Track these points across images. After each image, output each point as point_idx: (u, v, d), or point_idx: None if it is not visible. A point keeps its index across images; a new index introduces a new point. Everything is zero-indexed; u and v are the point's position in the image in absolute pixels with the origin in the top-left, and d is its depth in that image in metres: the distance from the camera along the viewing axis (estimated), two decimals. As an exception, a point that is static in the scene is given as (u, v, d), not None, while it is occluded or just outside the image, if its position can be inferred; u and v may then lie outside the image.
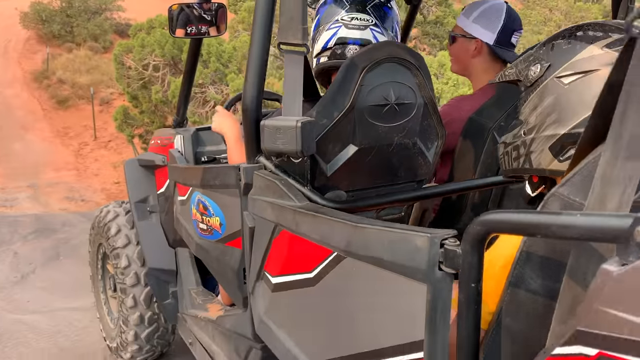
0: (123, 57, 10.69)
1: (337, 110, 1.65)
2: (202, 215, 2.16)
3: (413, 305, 1.06)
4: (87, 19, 22.60)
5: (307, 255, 1.44)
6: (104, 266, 3.30)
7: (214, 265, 2.18)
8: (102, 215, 3.06)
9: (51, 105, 17.42)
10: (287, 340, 1.57)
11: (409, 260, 1.07)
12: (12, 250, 6.47)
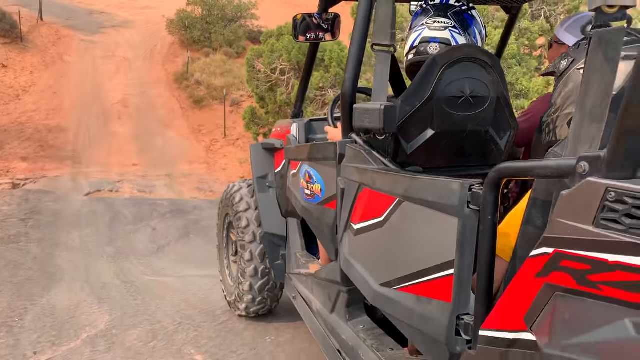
0: (254, 61, 11.67)
1: (419, 99, 2.00)
2: (307, 183, 2.66)
3: (448, 234, 1.46)
4: (224, 26, 24.41)
5: (379, 204, 1.87)
6: (228, 235, 3.89)
7: (314, 223, 2.65)
8: (229, 190, 3.67)
9: (188, 105, 19.07)
10: (360, 269, 2.02)
11: (446, 200, 1.48)
12: (151, 227, 7.47)
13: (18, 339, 3.64)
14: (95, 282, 5.04)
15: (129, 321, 3.83)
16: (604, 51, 1.13)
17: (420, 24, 2.18)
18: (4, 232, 6.77)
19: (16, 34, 20.65)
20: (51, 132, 15.55)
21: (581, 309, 1.04)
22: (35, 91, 18.06)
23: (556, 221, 1.11)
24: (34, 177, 12.45)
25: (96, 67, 20.74)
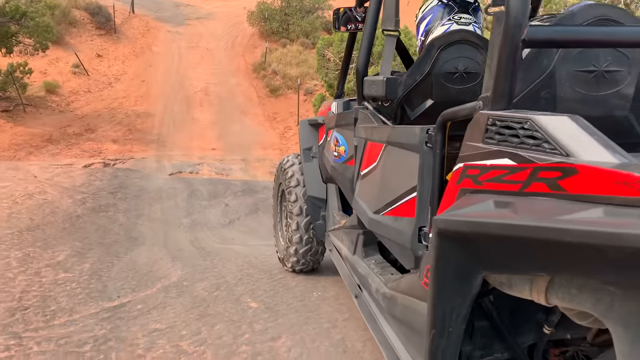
0: (324, 50, 12.08)
1: (420, 74, 2.41)
2: (335, 146, 3.23)
3: (413, 166, 1.94)
4: (301, 17, 25.04)
5: (375, 153, 2.42)
6: (281, 202, 4.40)
7: (339, 179, 3.17)
8: (284, 162, 4.20)
9: (265, 94, 19.84)
10: (362, 204, 2.57)
11: (412, 141, 1.98)
12: (224, 203, 8.08)
13: (105, 285, 4.26)
14: (172, 246, 5.65)
15: (197, 276, 4.37)
16: (498, 26, 1.51)
17: (446, 18, 2.53)
18: (95, 202, 7.60)
19: (110, 26, 22.26)
20: (139, 117, 16.77)
21: (471, 198, 1.50)
22: (126, 79, 19.45)
23: (465, 144, 1.58)
24: (122, 157, 13.56)
25: (181, 57, 21.96)
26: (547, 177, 1.25)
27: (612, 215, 1.05)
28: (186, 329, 3.32)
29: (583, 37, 1.63)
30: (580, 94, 1.73)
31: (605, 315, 1.22)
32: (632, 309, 1.15)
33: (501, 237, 1.30)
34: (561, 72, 1.72)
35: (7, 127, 14.42)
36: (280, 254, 4.32)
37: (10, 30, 14.70)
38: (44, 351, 3.14)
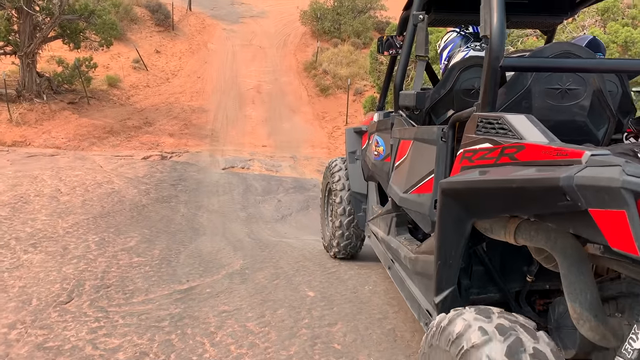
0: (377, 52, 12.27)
1: (444, 90, 3.02)
2: (375, 147, 3.92)
3: (431, 155, 2.59)
4: (353, 17, 25.30)
5: (405, 148, 3.09)
6: (328, 198, 5.13)
7: (378, 172, 3.86)
8: (332, 165, 4.98)
9: (315, 93, 20.21)
10: (395, 188, 3.23)
11: (431, 137, 2.62)
12: (277, 199, 8.48)
13: (175, 270, 4.70)
14: (231, 237, 6.08)
15: (258, 265, 4.76)
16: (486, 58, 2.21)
17: (465, 47, 3.29)
18: (159, 194, 8.14)
19: (169, 23, 23.13)
20: (194, 112, 17.44)
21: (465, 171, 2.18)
22: (182, 75, 20.21)
23: (464, 136, 2.26)
24: (178, 151, 14.19)
25: (235, 54, 22.60)
26: (509, 152, 1.90)
27: (541, 170, 1.66)
28: (251, 312, 3.70)
29: (545, 65, 2.39)
30: (550, 104, 2.46)
31: (553, 249, 1.84)
32: (566, 241, 1.81)
33: (480, 190, 1.99)
34: (535, 88, 2.44)
35: (73, 118, 15.29)
36: (325, 243, 5.13)
37: (79, 26, 15.57)
38: (128, 324, 3.57)
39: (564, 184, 1.50)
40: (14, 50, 15.00)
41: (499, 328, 1.72)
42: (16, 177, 8.29)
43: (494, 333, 1.71)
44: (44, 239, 5.45)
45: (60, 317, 3.67)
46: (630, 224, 1.34)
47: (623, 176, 1.35)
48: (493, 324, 1.75)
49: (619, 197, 1.36)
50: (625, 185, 1.33)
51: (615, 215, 1.40)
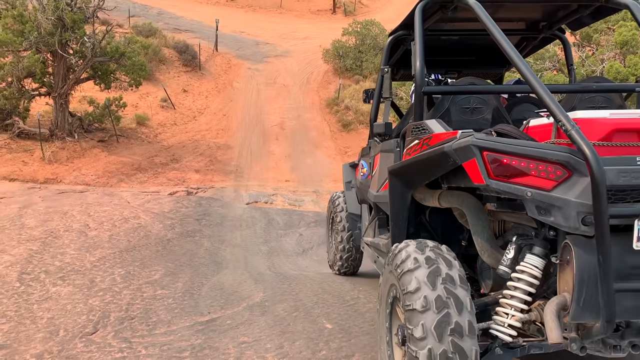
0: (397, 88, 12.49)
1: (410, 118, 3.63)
2: (361, 169, 4.82)
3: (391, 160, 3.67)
4: (375, 55, 25.72)
5: (377, 161, 4.15)
6: (331, 225, 6.00)
7: (364, 188, 4.63)
8: (334, 197, 6.02)
9: (337, 128, 20.45)
10: (372, 191, 4.16)
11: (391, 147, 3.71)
12: (298, 232, 8.58)
13: (197, 302, 4.81)
14: (253, 270, 6.17)
15: (277, 298, 4.83)
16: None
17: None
18: (183, 228, 8.32)
19: (196, 63, 23.83)
20: (220, 149, 17.80)
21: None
22: (209, 113, 20.70)
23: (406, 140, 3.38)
24: (204, 187, 14.46)
25: (259, 92, 23.11)
26: (426, 142, 2.88)
27: (440, 147, 2.62)
28: (270, 343, 3.76)
29: (450, 90, 3.57)
30: (463, 118, 3.43)
31: (462, 206, 2.91)
32: (470, 200, 2.88)
33: (408, 166, 3.11)
34: (452, 108, 3.45)
35: (102, 156, 15.75)
36: (330, 262, 6.05)
37: (110, 68, 16.19)
38: (150, 354, 3.67)
39: (447, 150, 2.56)
40: (48, 91, 15.63)
41: (427, 258, 2.55)
42: (47, 212, 8.58)
43: (423, 262, 2.53)
44: (72, 272, 5.63)
45: (86, 348, 3.79)
46: (478, 166, 2.40)
47: (472, 140, 2.42)
48: (424, 255, 2.57)
49: (471, 151, 2.42)
50: (473, 143, 2.41)
51: (472, 163, 2.43)
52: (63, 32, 14.78)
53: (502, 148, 2.37)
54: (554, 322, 2.34)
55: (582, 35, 11.42)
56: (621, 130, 2.48)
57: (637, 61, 9.02)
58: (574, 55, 11.02)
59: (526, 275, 2.55)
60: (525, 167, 2.34)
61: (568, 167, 2.29)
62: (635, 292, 2.28)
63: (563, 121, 2.30)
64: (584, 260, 2.26)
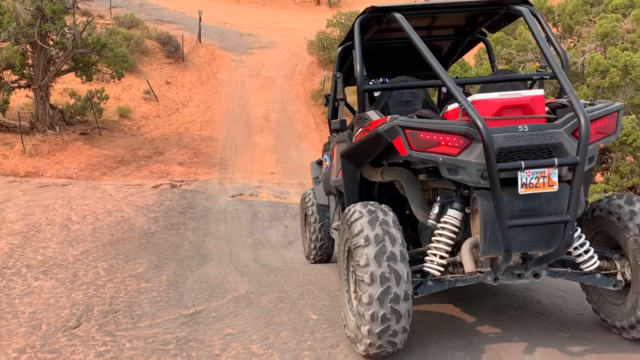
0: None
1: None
2: (324, 163, 5.39)
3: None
4: (359, 46, 25.69)
5: (335, 152, 4.63)
6: (305, 220, 6.57)
7: (327, 179, 5.15)
8: (306, 194, 6.51)
9: (322, 120, 20.41)
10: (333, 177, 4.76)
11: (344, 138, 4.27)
12: (284, 225, 8.58)
13: (182, 295, 4.79)
14: (238, 262, 6.16)
15: (263, 289, 4.83)
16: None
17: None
18: (167, 221, 8.26)
19: (179, 54, 23.62)
20: (204, 141, 17.69)
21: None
22: (192, 105, 20.56)
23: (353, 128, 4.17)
24: (188, 179, 14.37)
25: (244, 84, 22.98)
26: (367, 128, 3.59)
27: (375, 130, 3.30)
28: (255, 335, 3.77)
29: (382, 87, 4.55)
30: (399, 110, 4.22)
31: (399, 178, 3.71)
32: (405, 173, 3.70)
33: (354, 149, 3.84)
34: (390, 102, 4.32)
35: (85, 149, 15.58)
36: (306, 253, 6.53)
37: (91, 59, 15.98)
38: (135, 347, 3.65)
39: (380, 131, 3.24)
40: (28, 83, 15.40)
41: (368, 211, 3.29)
42: (28, 206, 8.47)
43: (365, 213, 3.27)
44: (54, 266, 5.57)
45: (69, 342, 3.77)
46: (402, 141, 3.07)
47: (397, 122, 3.09)
48: (366, 209, 3.31)
49: (396, 130, 3.09)
50: (397, 124, 3.09)
51: (398, 139, 3.10)
52: (43, 23, 14.55)
53: (419, 126, 3.09)
54: (468, 257, 3.20)
55: (563, 27, 11.51)
56: (508, 106, 3.18)
57: (617, 52, 9.12)
58: (556, 47, 11.11)
59: (448, 225, 3.33)
60: (437, 139, 3.07)
61: (467, 136, 3.03)
62: (525, 227, 3.03)
63: (462, 103, 3.06)
64: (486, 207, 3.05)
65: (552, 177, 3.00)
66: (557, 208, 3.07)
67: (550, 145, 3.06)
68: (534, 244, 3.12)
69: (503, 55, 10.92)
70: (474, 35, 5.03)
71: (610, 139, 3.39)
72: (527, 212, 3.06)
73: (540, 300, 4.27)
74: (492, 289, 4.46)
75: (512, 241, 2.98)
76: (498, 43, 10.93)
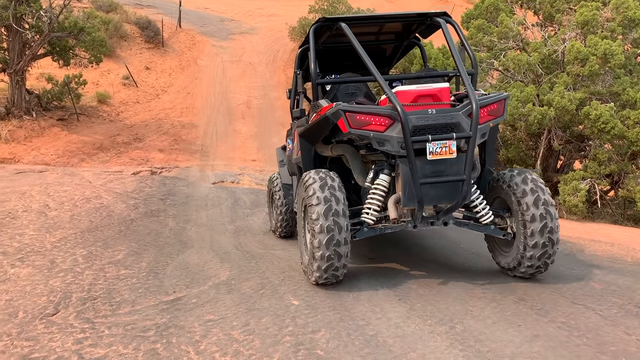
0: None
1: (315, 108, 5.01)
2: (287, 146, 6.38)
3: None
4: (341, 33, 25.60)
5: (295, 137, 5.61)
6: (271, 199, 7.19)
7: (289, 160, 6.05)
8: (273, 178, 7.13)
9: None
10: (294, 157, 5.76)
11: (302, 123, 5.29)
12: (265, 211, 8.52)
13: (162, 281, 4.74)
14: (219, 249, 6.11)
15: (244, 276, 4.81)
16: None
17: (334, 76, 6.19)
18: (147, 208, 8.17)
19: (158, 39, 23.27)
20: (184, 127, 17.51)
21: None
22: (172, 91, 20.30)
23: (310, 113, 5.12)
24: (168, 166, 14.23)
25: (225, 70, 22.75)
26: (318, 113, 4.64)
27: (325, 114, 4.37)
28: (236, 321, 3.75)
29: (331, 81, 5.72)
30: (345, 99, 5.43)
31: (345, 153, 4.95)
32: (349, 149, 4.94)
33: (308, 129, 4.96)
34: (338, 94, 5.63)
35: (62, 135, 15.32)
36: (272, 228, 7.14)
37: (68, 44, 15.66)
38: (114, 334, 3.61)
39: (328, 114, 4.27)
40: (3, 67, 15.05)
41: (320, 177, 4.31)
42: (4, 193, 8.30)
43: (317, 179, 4.29)
44: (31, 253, 5.48)
45: (46, 329, 3.70)
46: (344, 122, 4.12)
47: (340, 107, 4.14)
48: (318, 175, 4.32)
49: (339, 113, 4.14)
50: (340, 108, 4.14)
51: (341, 121, 4.14)
52: (17, 5, 14.18)
53: (356, 110, 4.17)
54: (392, 208, 4.37)
55: (544, 15, 11.56)
56: (422, 95, 4.32)
57: (597, 41, 9.19)
58: (537, 35, 11.18)
59: (380, 186, 4.51)
60: (369, 120, 4.13)
61: (391, 117, 4.12)
62: (433, 185, 4.10)
63: (387, 93, 4.17)
64: (405, 170, 4.15)
65: (452, 147, 4.08)
66: (457, 170, 4.12)
67: (451, 124, 4.12)
68: (441, 197, 4.18)
69: (485, 42, 10.95)
70: (409, 40, 6.15)
71: (498, 120, 4.46)
72: (434, 174, 4.11)
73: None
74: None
75: (424, 196, 4.07)
76: (480, 30, 10.95)
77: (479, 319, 3.79)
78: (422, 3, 36.50)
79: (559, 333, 3.56)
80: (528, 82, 10.14)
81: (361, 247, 5.78)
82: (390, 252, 5.90)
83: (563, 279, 4.70)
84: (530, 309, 3.96)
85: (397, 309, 3.97)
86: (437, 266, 5.22)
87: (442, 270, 5.03)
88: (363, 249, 5.81)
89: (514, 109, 9.40)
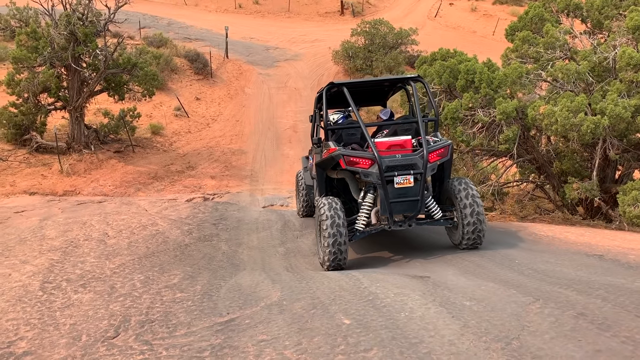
0: (409, 86, 12.44)
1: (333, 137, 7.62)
2: (309, 161, 9.16)
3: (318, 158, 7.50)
4: (385, 54, 25.71)
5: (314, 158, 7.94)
6: (297, 188, 10.18)
7: (310, 171, 8.87)
8: (298, 174, 10.17)
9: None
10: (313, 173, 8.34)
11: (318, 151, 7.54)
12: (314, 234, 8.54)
13: (216, 303, 4.85)
14: (270, 271, 6.20)
15: (295, 296, 4.86)
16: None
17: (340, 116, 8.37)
18: (200, 233, 8.38)
19: (207, 71, 24.03)
20: (234, 154, 17.91)
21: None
22: (222, 119, 20.85)
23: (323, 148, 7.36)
24: (220, 192, 14.56)
25: (271, 97, 23.21)
26: (328, 152, 6.72)
27: (330, 154, 6.61)
28: (288, 340, 3.78)
29: (336, 127, 7.75)
30: (347, 139, 7.67)
31: (346, 177, 7.12)
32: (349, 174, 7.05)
33: (321, 162, 7.03)
34: (345, 135, 7.71)
35: (119, 167, 15.95)
36: (297, 211, 10.23)
37: (123, 79, 16.40)
38: (171, 355, 3.71)
39: (333, 155, 6.52)
40: (64, 105, 15.88)
41: (328, 202, 6.41)
42: (67, 223, 8.71)
43: (326, 203, 6.40)
44: (92, 279, 5.71)
45: (108, 351, 3.85)
46: (342, 161, 6.40)
47: (339, 152, 6.46)
48: (327, 201, 6.44)
49: (339, 156, 6.42)
50: (340, 153, 6.45)
51: (340, 160, 6.41)
52: (76, 46, 15.02)
53: (350, 154, 6.39)
54: (374, 216, 6.59)
55: (592, 22, 11.28)
56: (393, 145, 6.57)
57: (650, 45, 8.87)
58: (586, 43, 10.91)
59: (367, 202, 6.61)
60: (358, 160, 6.34)
61: (372, 159, 6.27)
62: (399, 203, 6.25)
63: (369, 142, 6.44)
64: (381, 193, 6.25)
65: (410, 179, 6.21)
66: (414, 193, 6.24)
67: (411, 164, 6.24)
68: (405, 210, 6.32)
69: (531, 54, 10.75)
70: (396, 87, 8.55)
71: (444, 160, 6.61)
72: (399, 195, 6.23)
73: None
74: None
75: (393, 209, 6.25)
76: (525, 42, 10.77)
77: (536, 335, 3.68)
78: (466, 18, 36.28)
79: (624, 348, 3.42)
80: (579, 91, 9.87)
81: (411, 269, 5.72)
82: (441, 270, 5.83)
83: (625, 292, 4.51)
84: (590, 323, 3.81)
85: (451, 326, 3.91)
86: (490, 282, 5.11)
87: (496, 286, 4.91)
88: (414, 270, 5.75)
89: (565, 119, 9.14)
